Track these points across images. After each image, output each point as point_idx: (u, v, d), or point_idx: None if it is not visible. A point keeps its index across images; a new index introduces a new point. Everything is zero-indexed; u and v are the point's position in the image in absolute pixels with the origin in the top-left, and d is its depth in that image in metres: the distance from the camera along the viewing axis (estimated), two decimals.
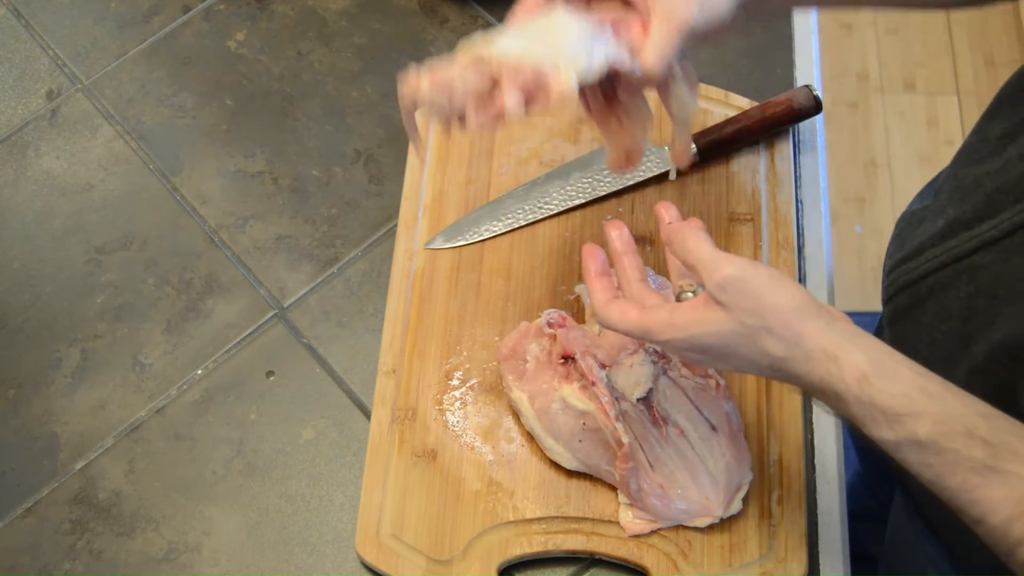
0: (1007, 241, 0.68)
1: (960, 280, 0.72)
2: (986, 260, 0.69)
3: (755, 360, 0.64)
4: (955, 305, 0.72)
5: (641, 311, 0.67)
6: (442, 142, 0.99)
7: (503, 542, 0.81)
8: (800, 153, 0.98)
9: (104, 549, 0.86)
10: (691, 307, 0.65)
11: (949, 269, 0.73)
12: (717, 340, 0.64)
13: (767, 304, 0.63)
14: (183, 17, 1.12)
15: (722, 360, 0.65)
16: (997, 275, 0.68)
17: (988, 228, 0.69)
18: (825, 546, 0.82)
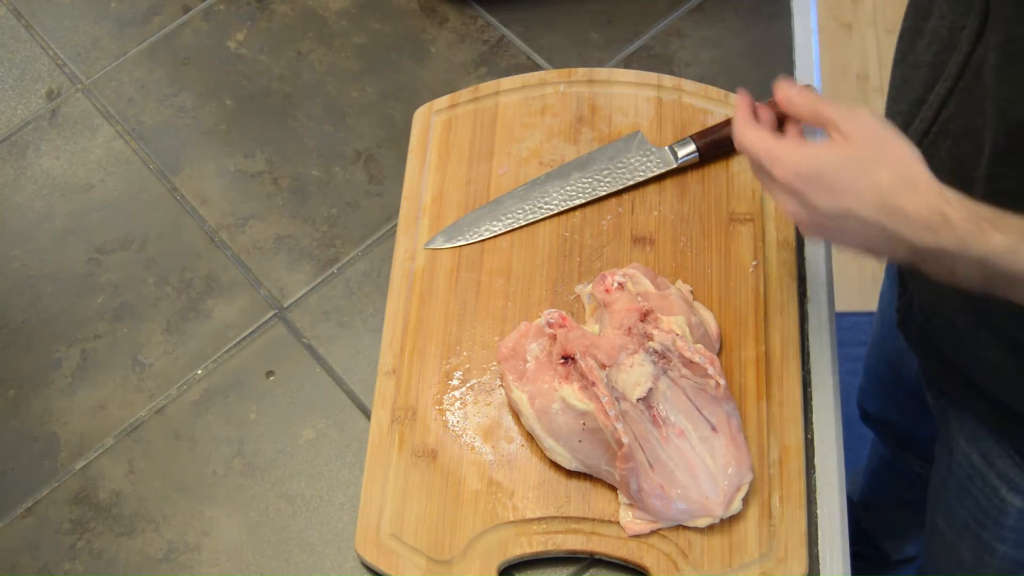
0: (962, 83, 0.71)
1: (938, 143, 0.75)
2: (952, 111, 0.73)
3: (862, 193, 0.66)
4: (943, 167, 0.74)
5: (773, 136, 0.72)
6: (442, 142, 0.99)
7: (503, 542, 0.81)
8: None
9: (104, 549, 0.86)
10: (818, 143, 0.69)
11: (925, 143, 0.75)
12: (832, 165, 0.67)
13: (888, 142, 0.67)
14: (183, 17, 1.12)
15: (827, 192, 0.67)
16: (966, 115, 0.72)
17: (941, 87, 0.73)
18: (825, 546, 0.82)
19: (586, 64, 1.06)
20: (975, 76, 0.70)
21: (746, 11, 1.08)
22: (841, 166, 0.67)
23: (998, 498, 0.91)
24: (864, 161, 0.67)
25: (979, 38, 0.69)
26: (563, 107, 1.00)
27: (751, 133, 0.73)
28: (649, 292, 0.85)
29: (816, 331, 0.90)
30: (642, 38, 1.08)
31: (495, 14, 1.10)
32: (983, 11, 0.68)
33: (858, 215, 0.66)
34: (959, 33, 0.71)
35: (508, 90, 1.01)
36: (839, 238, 0.69)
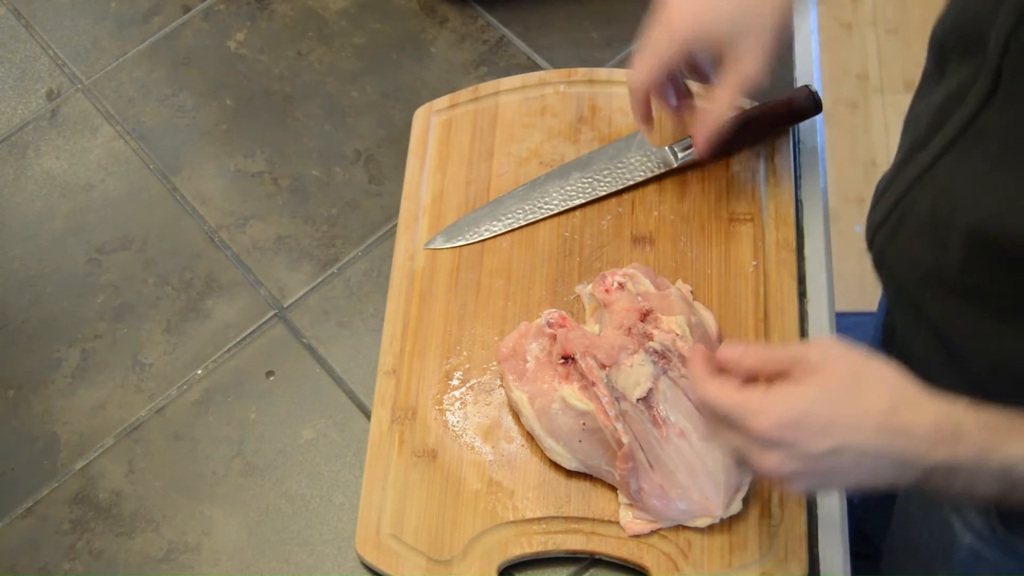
0: (961, 141, 0.69)
1: (923, 194, 0.73)
2: (946, 165, 0.71)
3: (859, 422, 0.62)
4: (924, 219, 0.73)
5: (741, 389, 0.65)
6: (442, 142, 0.99)
7: (503, 542, 0.81)
8: (800, 153, 0.98)
9: (104, 549, 0.86)
10: (785, 383, 0.64)
11: (912, 190, 0.74)
12: (816, 402, 0.62)
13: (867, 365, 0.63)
14: (183, 17, 1.12)
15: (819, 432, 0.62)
16: (952, 175, 0.70)
17: (941, 137, 0.71)
18: (825, 546, 0.82)
19: (586, 64, 1.06)
20: (976, 138, 0.68)
21: None
22: (827, 400, 0.62)
23: (951, 531, 0.90)
24: (849, 389, 0.62)
25: (986, 102, 0.67)
26: (563, 107, 1.00)
27: (716, 389, 0.66)
28: (649, 292, 0.85)
29: (816, 331, 0.90)
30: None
31: (495, 14, 1.10)
32: (994, 77, 0.65)
33: (856, 447, 0.61)
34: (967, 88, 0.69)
35: (508, 90, 1.01)
36: (835, 480, 0.64)
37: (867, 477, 0.63)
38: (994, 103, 0.66)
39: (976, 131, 0.68)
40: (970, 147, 0.69)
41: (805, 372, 0.64)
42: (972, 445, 0.61)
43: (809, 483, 0.64)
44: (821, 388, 0.63)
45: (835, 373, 0.63)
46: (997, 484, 0.61)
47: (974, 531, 0.88)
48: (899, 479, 0.62)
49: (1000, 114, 0.66)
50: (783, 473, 0.63)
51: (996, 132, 0.66)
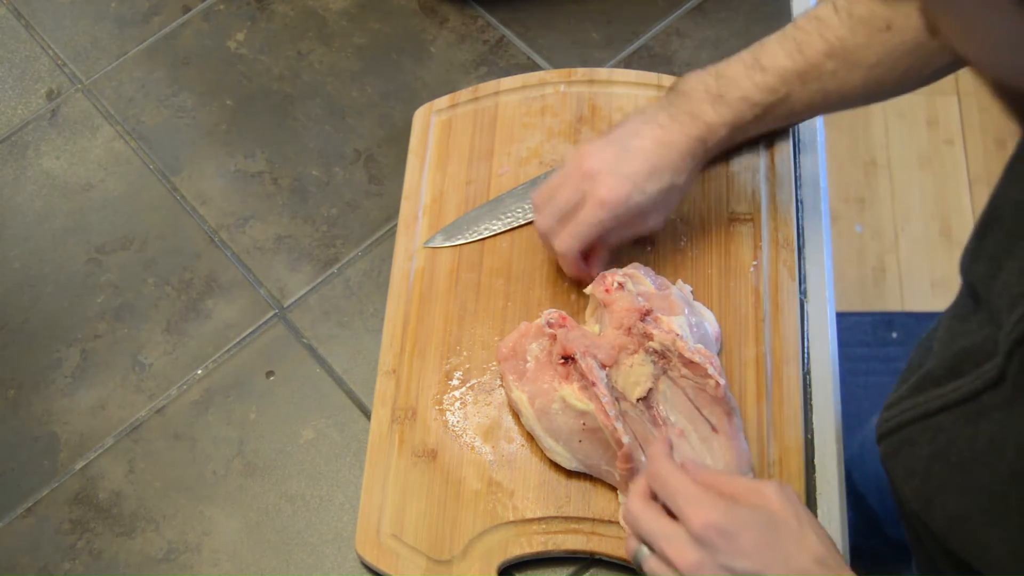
0: (966, 406, 0.66)
1: (923, 438, 0.70)
2: (947, 422, 0.68)
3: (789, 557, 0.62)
4: (918, 464, 0.71)
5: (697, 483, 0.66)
6: (442, 142, 0.99)
7: (503, 542, 0.81)
8: (800, 153, 0.98)
9: (104, 549, 0.86)
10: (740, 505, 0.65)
11: (917, 425, 0.71)
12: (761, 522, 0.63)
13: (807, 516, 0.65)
14: (183, 17, 1.12)
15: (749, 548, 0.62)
16: (953, 440, 0.67)
17: (951, 390, 0.67)
18: None
19: (586, 64, 1.06)
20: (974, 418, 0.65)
21: (746, 11, 1.08)
22: (767, 527, 0.63)
23: None
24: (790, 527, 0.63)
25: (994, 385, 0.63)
26: (563, 107, 1.00)
27: (673, 468, 0.67)
28: (649, 292, 0.85)
29: (816, 331, 0.90)
30: (642, 38, 1.08)
31: (495, 14, 1.10)
32: (1001, 372, 0.62)
33: None
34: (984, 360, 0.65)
35: (508, 90, 1.01)
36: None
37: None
38: (1000, 390, 0.63)
39: (976, 408, 0.65)
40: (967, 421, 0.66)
41: (755, 497, 0.65)
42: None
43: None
44: (766, 515, 0.64)
45: (781, 509, 0.64)
46: None
47: None
48: None
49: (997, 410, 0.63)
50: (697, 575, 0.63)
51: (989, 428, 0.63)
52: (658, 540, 0.65)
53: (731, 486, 0.66)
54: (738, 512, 0.64)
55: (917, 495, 0.72)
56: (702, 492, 0.65)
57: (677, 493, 0.65)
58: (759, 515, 0.64)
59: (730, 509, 0.64)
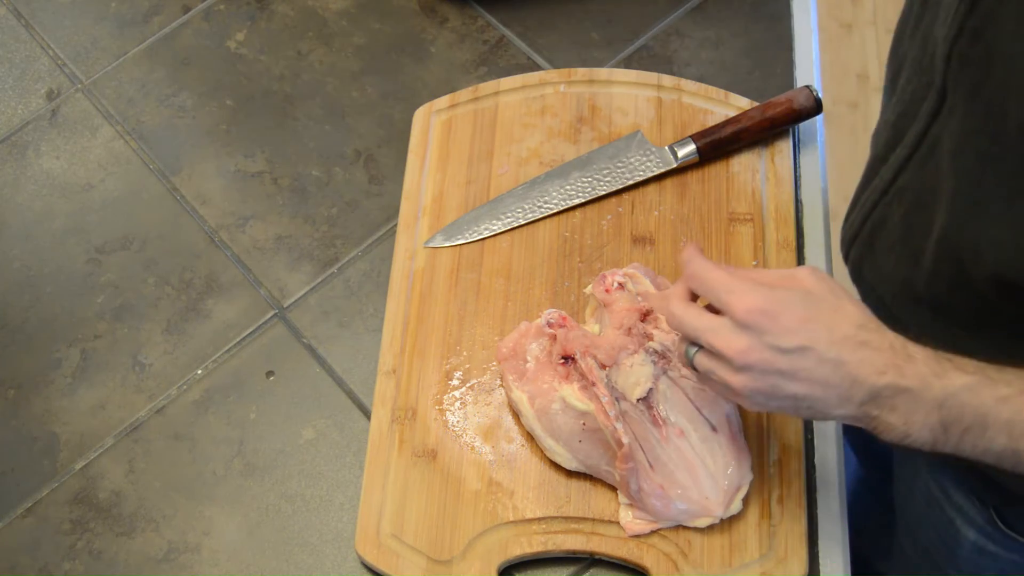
0: (916, 155, 0.71)
1: (892, 207, 0.74)
2: (906, 180, 0.72)
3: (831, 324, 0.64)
4: (895, 232, 0.74)
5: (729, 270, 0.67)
6: (442, 142, 0.99)
7: (503, 542, 0.81)
8: (800, 153, 0.98)
9: (104, 549, 0.86)
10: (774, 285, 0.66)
11: (881, 204, 0.75)
12: (798, 298, 0.64)
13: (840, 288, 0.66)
14: (183, 17, 1.12)
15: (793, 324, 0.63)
16: (919, 186, 0.71)
17: (899, 152, 0.72)
18: (825, 546, 0.82)
19: (586, 64, 1.06)
20: (930, 152, 0.70)
21: (746, 11, 1.08)
22: (805, 303, 0.65)
23: (953, 528, 0.91)
24: (827, 300, 0.65)
25: (935, 116, 0.68)
26: (563, 107, 1.00)
27: (711, 264, 0.68)
28: (649, 292, 0.85)
29: None
30: (642, 38, 1.08)
31: (495, 14, 1.10)
32: (941, 91, 0.67)
33: (820, 351, 0.63)
34: (919, 104, 0.70)
35: (508, 90, 1.01)
36: (788, 387, 0.64)
37: (817, 391, 0.64)
38: (941, 116, 0.67)
39: (929, 145, 0.69)
40: (925, 161, 0.70)
41: (789, 281, 0.66)
42: (919, 370, 0.63)
43: (765, 384, 0.65)
44: (802, 293, 0.65)
45: (816, 286, 0.66)
46: (935, 417, 0.63)
47: (976, 527, 0.88)
48: (843, 401, 0.64)
49: (947, 127, 0.67)
50: (746, 361, 0.64)
51: (946, 145, 0.67)
52: (704, 334, 0.66)
53: (766, 275, 0.68)
54: (777, 294, 0.65)
55: (898, 266, 0.75)
56: (740, 281, 0.66)
57: (717, 285, 0.66)
58: (797, 294, 0.65)
59: (770, 292, 0.65)
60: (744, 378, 0.65)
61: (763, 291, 0.65)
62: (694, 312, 0.68)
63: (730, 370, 0.66)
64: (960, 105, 0.65)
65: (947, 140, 0.67)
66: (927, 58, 0.69)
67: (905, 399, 0.63)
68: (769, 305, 0.64)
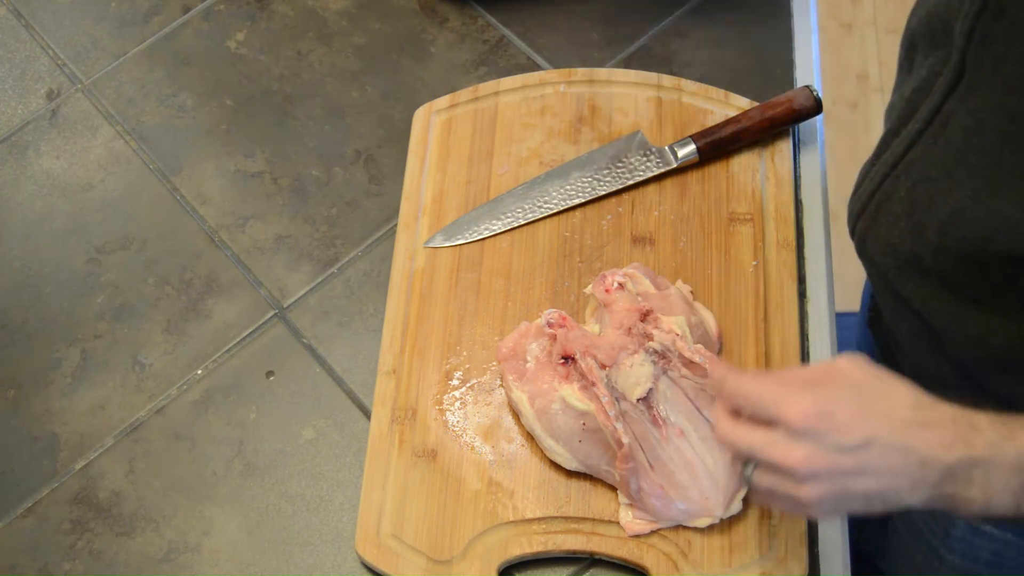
0: (929, 130, 0.70)
1: (900, 181, 0.74)
2: (916, 155, 0.72)
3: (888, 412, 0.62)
4: (900, 205, 0.74)
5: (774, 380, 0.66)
6: (442, 142, 0.99)
7: (503, 542, 0.81)
8: (800, 153, 0.98)
9: (104, 549, 0.86)
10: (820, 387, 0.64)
11: (890, 177, 0.75)
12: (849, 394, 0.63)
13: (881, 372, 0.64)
14: (183, 17, 1.12)
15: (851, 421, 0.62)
16: (928, 161, 0.71)
17: (912, 126, 0.72)
18: (825, 546, 0.82)
19: (586, 64, 1.06)
20: (942, 127, 0.70)
21: (746, 11, 1.08)
22: (856, 396, 0.63)
23: None
24: (875, 388, 0.64)
25: (951, 91, 0.68)
26: (563, 107, 1.00)
27: (749, 378, 0.66)
28: (649, 292, 0.85)
29: (816, 331, 0.90)
30: (642, 38, 1.08)
31: (495, 14, 1.10)
32: (959, 66, 0.67)
33: (884, 440, 0.61)
34: (934, 79, 0.71)
35: (508, 90, 1.01)
36: (860, 484, 0.62)
37: (888, 482, 0.62)
38: (958, 92, 0.68)
39: (942, 120, 0.70)
40: (936, 136, 0.70)
41: (831, 376, 0.65)
42: (987, 437, 0.61)
43: (834, 489, 0.62)
44: (850, 386, 0.64)
45: (860, 376, 0.64)
46: (1015, 480, 0.61)
47: None
48: (917, 486, 0.62)
49: (963, 103, 0.67)
50: (811, 469, 0.61)
51: (960, 121, 0.67)
52: (761, 450, 0.64)
53: (807, 373, 0.67)
54: (827, 393, 0.63)
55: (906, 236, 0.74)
56: (785, 388, 0.64)
57: (764, 398, 0.64)
58: (846, 388, 0.63)
59: (819, 393, 0.63)
60: (812, 488, 0.62)
61: (812, 393, 0.63)
62: (744, 429, 0.65)
63: (795, 483, 0.62)
64: (979, 81, 0.65)
65: (963, 116, 0.67)
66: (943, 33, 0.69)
67: (980, 470, 0.61)
68: (822, 406, 0.62)
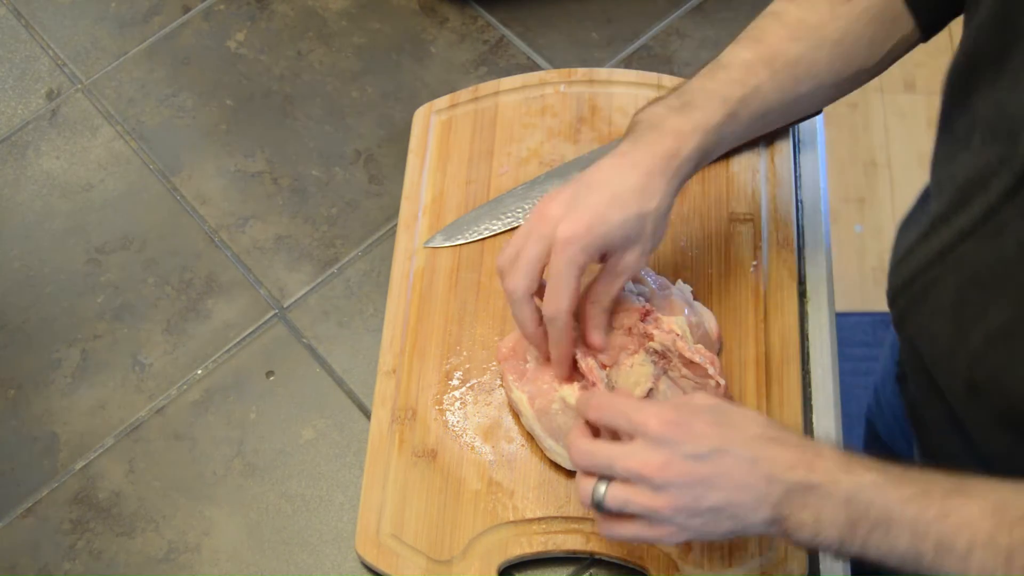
0: (982, 229, 0.68)
1: (947, 274, 0.72)
2: (967, 250, 0.70)
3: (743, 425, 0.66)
4: (946, 298, 0.73)
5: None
6: (442, 142, 0.99)
7: (503, 542, 0.81)
8: (800, 153, 0.98)
9: (104, 549, 0.86)
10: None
11: (937, 265, 0.73)
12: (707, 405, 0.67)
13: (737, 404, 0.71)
14: (183, 17, 1.12)
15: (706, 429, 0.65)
16: (979, 263, 0.69)
17: (964, 219, 0.70)
18: None
19: (586, 64, 1.06)
20: (997, 231, 0.67)
21: (746, 11, 1.08)
22: (712, 412, 0.67)
23: None
24: (730, 411, 0.68)
25: (1010, 198, 0.65)
26: (563, 107, 1.00)
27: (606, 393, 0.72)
28: (649, 292, 0.85)
29: (816, 331, 0.90)
30: (642, 38, 1.08)
31: (495, 14, 1.10)
32: (1020, 176, 0.64)
33: (735, 452, 0.64)
34: (991, 176, 0.66)
35: (508, 90, 1.01)
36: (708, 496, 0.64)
37: (736, 496, 0.64)
38: (1017, 201, 0.64)
39: (996, 225, 0.67)
40: (990, 239, 0.68)
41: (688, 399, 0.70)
42: (827, 465, 0.64)
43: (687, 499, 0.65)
44: (707, 406, 0.68)
45: (717, 402, 0.69)
46: (843, 514, 0.63)
47: None
48: (761, 503, 0.64)
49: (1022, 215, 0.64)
50: (666, 476, 0.64)
51: (1017, 235, 0.65)
52: (618, 461, 0.66)
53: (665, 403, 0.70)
54: (685, 405, 0.68)
55: (947, 332, 0.73)
56: (645, 402, 0.69)
57: (625, 409, 0.68)
58: (703, 406, 0.68)
59: (677, 406, 0.68)
60: (665, 497, 0.65)
61: (671, 405, 0.68)
62: (601, 443, 0.69)
63: (650, 492, 0.65)
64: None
65: (1018, 227, 0.64)
66: (1004, 130, 0.65)
67: (815, 495, 0.63)
68: (680, 415, 0.66)
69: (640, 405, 0.67)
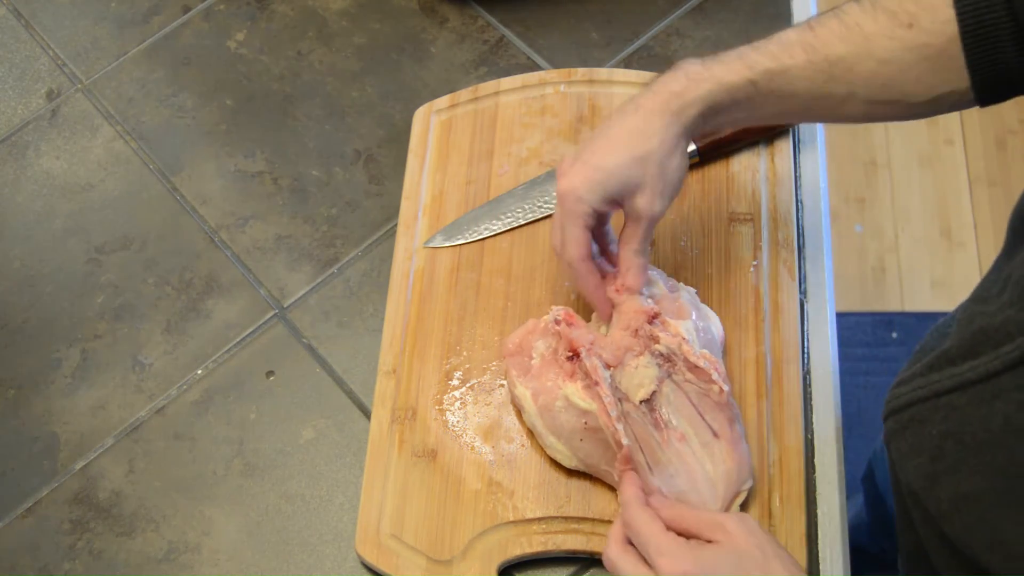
0: (981, 386, 0.65)
1: (935, 417, 0.69)
2: (961, 402, 0.67)
3: None
4: (927, 442, 0.70)
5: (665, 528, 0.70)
6: (442, 142, 0.99)
7: (503, 542, 0.81)
8: (800, 153, 0.98)
9: (104, 549, 0.86)
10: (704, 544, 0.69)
11: (929, 403, 0.70)
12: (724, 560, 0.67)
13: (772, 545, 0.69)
14: (183, 17, 1.12)
15: None
16: (967, 419, 0.66)
17: (967, 369, 0.67)
18: (825, 546, 0.82)
19: (586, 64, 1.06)
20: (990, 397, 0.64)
21: (746, 11, 1.08)
22: (732, 565, 0.67)
23: None
24: (755, 558, 0.67)
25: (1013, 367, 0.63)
26: (563, 107, 1.00)
27: (645, 516, 0.71)
28: (661, 294, 0.84)
29: (816, 331, 0.90)
30: (642, 38, 1.08)
31: (495, 14, 1.10)
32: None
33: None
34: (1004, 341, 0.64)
35: (508, 90, 1.01)
36: None
37: None
38: (1018, 372, 0.62)
39: (993, 389, 0.64)
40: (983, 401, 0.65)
41: (718, 535, 0.69)
42: None
43: None
44: (729, 552, 0.67)
45: (746, 543, 0.68)
46: None
47: None
48: None
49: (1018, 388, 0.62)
50: None
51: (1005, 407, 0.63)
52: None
53: (696, 523, 0.71)
54: (705, 556, 0.67)
55: (922, 474, 0.71)
56: (671, 541, 0.69)
57: (648, 543, 0.69)
58: (725, 554, 0.67)
59: (698, 555, 0.67)
60: None
61: (691, 555, 0.67)
62: (630, 561, 0.70)
63: None
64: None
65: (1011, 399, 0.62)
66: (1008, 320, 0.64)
67: None
68: (696, 570, 0.66)
69: (663, 545, 0.68)
